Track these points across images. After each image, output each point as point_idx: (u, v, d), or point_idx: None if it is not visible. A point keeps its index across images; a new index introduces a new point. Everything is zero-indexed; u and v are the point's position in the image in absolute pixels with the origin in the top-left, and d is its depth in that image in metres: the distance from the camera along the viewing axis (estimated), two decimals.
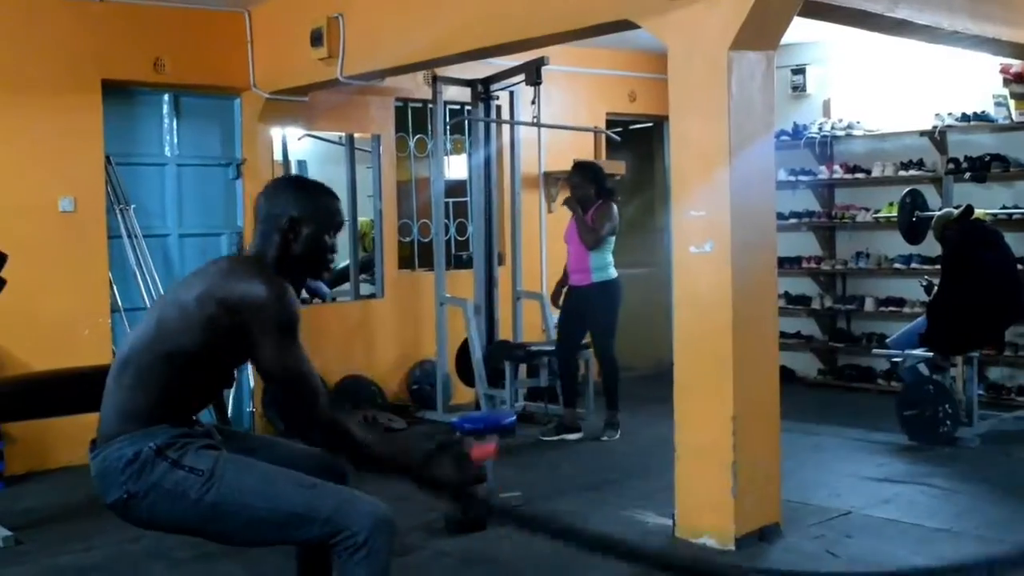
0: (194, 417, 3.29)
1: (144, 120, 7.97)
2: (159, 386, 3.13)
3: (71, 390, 5.85)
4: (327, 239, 3.34)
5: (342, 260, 8.08)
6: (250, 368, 7.76)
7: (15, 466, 6.90)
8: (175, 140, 8.08)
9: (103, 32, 7.45)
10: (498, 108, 8.90)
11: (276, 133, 8.71)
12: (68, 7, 7.28)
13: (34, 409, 6.04)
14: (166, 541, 5.17)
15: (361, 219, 9.94)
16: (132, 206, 7.67)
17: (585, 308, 7.77)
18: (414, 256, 9.31)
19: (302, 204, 3.29)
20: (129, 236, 7.63)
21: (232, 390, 7.78)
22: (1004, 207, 8.58)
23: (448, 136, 8.96)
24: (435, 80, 8.48)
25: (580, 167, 8.08)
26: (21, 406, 5.91)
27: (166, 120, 8.05)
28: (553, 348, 8.15)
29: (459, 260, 9.39)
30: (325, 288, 9.36)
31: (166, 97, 8.02)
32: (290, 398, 3.16)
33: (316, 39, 7.24)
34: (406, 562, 4.75)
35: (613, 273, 7.82)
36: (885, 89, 9.45)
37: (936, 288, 7.62)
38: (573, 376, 7.96)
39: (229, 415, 7.58)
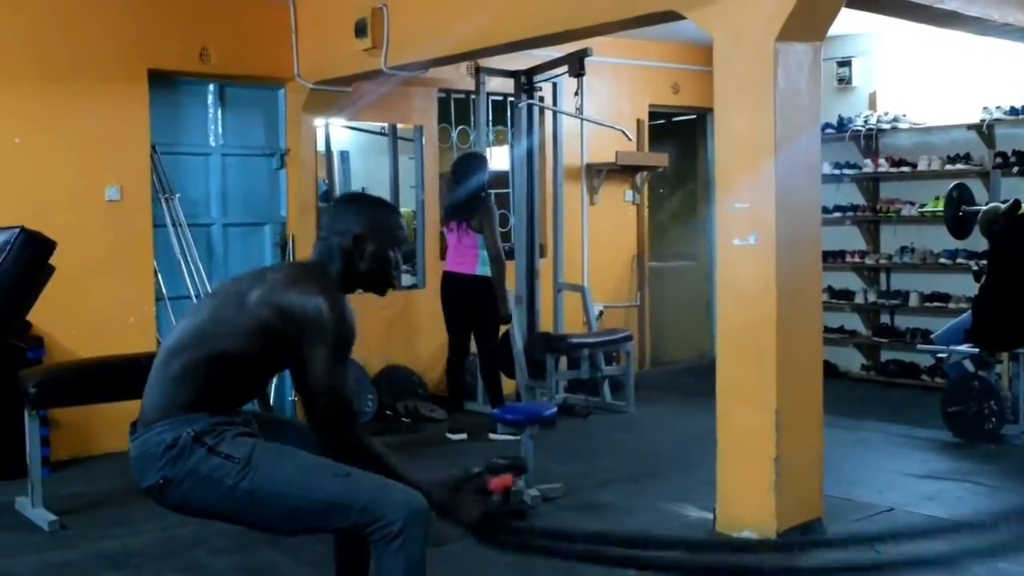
0: (235, 407, 3.29)
1: (189, 110, 8.01)
2: (204, 381, 3.14)
3: (116, 377, 5.88)
4: (391, 255, 3.36)
5: None
6: None
7: (61, 452, 6.95)
8: (220, 130, 8.12)
9: (150, 22, 7.48)
10: (541, 99, 8.86)
11: (319, 123, 8.71)
12: None
13: (80, 396, 6.09)
14: (209, 528, 5.18)
15: (403, 210, 9.94)
16: (177, 195, 7.71)
17: None
18: None
19: (365, 221, 3.32)
20: (174, 225, 7.66)
21: (274, 379, 7.80)
22: None
23: (491, 127, 8.94)
24: (478, 71, 8.47)
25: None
26: (67, 393, 5.96)
27: (211, 110, 8.09)
28: (596, 341, 8.11)
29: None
30: None
31: (211, 87, 8.05)
32: (327, 416, 3.15)
33: (360, 30, 7.24)
34: (441, 552, 4.73)
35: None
36: (932, 82, 9.34)
37: (982, 283, 7.52)
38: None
39: (271, 403, 7.62)
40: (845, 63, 9.89)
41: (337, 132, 9.60)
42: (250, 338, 3.11)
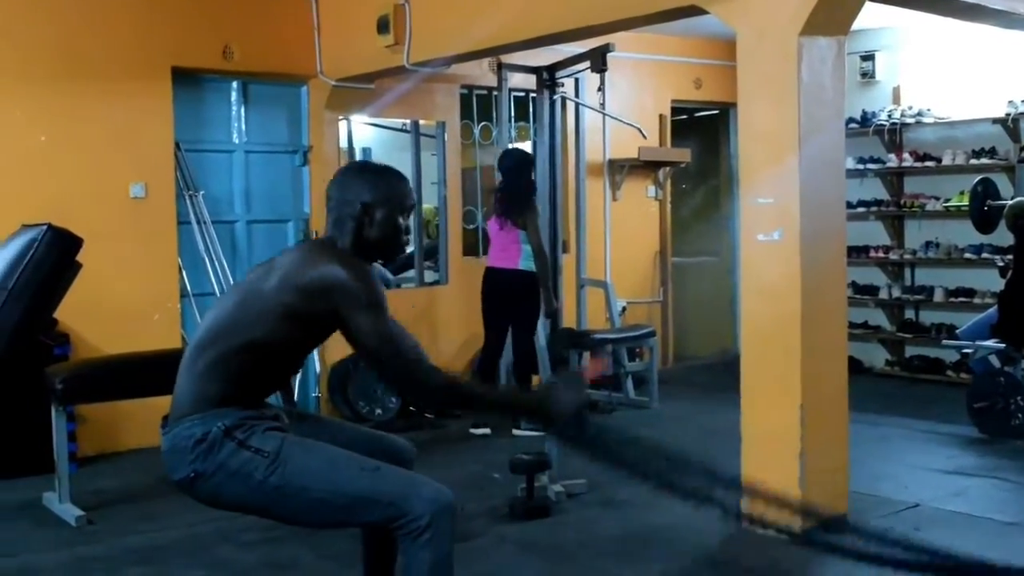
0: (264, 400, 3.31)
1: (213, 107, 8.04)
2: (232, 373, 3.15)
3: (142, 373, 5.93)
4: (400, 221, 3.33)
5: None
6: (315, 355, 7.84)
7: (87, 447, 7.00)
8: (243, 127, 8.15)
9: (173, 20, 7.52)
10: (563, 95, 8.85)
11: (342, 120, 8.73)
12: None
13: (106, 392, 6.13)
14: (235, 523, 5.22)
15: (425, 206, 9.97)
16: (201, 192, 7.74)
17: None
18: (478, 243, 9.29)
19: (373, 189, 3.29)
20: (198, 222, 7.70)
21: (299, 376, 7.83)
22: None
23: (513, 123, 8.94)
24: (500, 67, 8.45)
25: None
26: (93, 389, 5.99)
27: (234, 107, 8.12)
28: (619, 337, 8.10)
29: None
30: (389, 275, 9.39)
31: (234, 84, 8.09)
32: (396, 367, 3.13)
33: (382, 26, 7.26)
34: (468, 547, 4.75)
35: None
36: (956, 76, 9.29)
37: (1008, 278, 7.47)
38: None
39: (295, 400, 7.64)
40: (868, 57, 9.85)
41: (359, 129, 9.62)
42: (276, 324, 3.12)
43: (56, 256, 5.37)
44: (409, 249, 9.13)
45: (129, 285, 7.29)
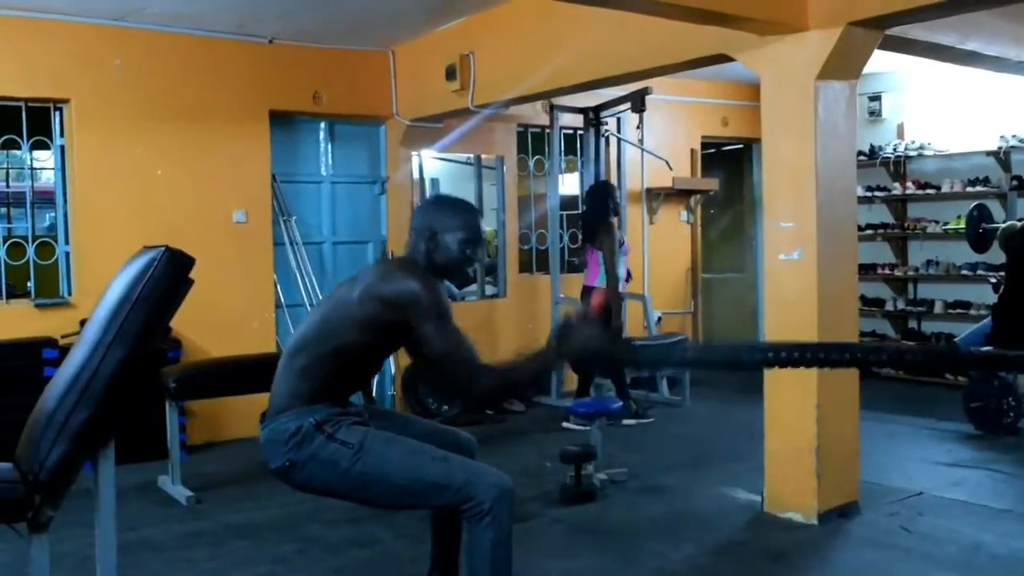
0: (349, 398, 3.32)
1: (304, 144, 8.11)
2: (322, 374, 3.16)
3: (242, 374, 5.99)
4: (464, 250, 3.30)
5: None
6: (391, 359, 7.86)
7: (196, 437, 7.07)
8: (330, 161, 8.21)
9: (271, 70, 7.60)
10: (607, 132, 8.84)
11: (415, 155, 8.76)
12: (242, 48, 7.45)
13: (212, 389, 6.19)
14: (322, 504, 5.23)
15: (487, 229, 9.95)
16: (293, 217, 7.81)
17: None
18: (532, 261, 9.29)
19: (441, 220, 3.29)
20: (291, 243, 7.76)
21: (377, 377, 7.86)
22: None
23: (563, 157, 8.93)
24: (552, 108, 8.46)
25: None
26: (201, 387, 6.05)
27: (322, 144, 8.18)
28: (655, 343, 8.03)
29: (571, 265, 9.34)
30: (455, 289, 9.41)
31: (322, 124, 8.15)
32: (457, 379, 3.08)
33: (450, 74, 7.29)
34: (524, 528, 4.73)
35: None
36: (954, 113, 9.17)
37: (1000, 292, 7.36)
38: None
39: (374, 397, 7.67)
40: (876, 98, 9.73)
41: (429, 162, 9.66)
42: (361, 330, 3.12)
43: (172, 273, 5.38)
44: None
45: (232, 298, 7.37)
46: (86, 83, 6.85)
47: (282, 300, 7.73)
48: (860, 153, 9.24)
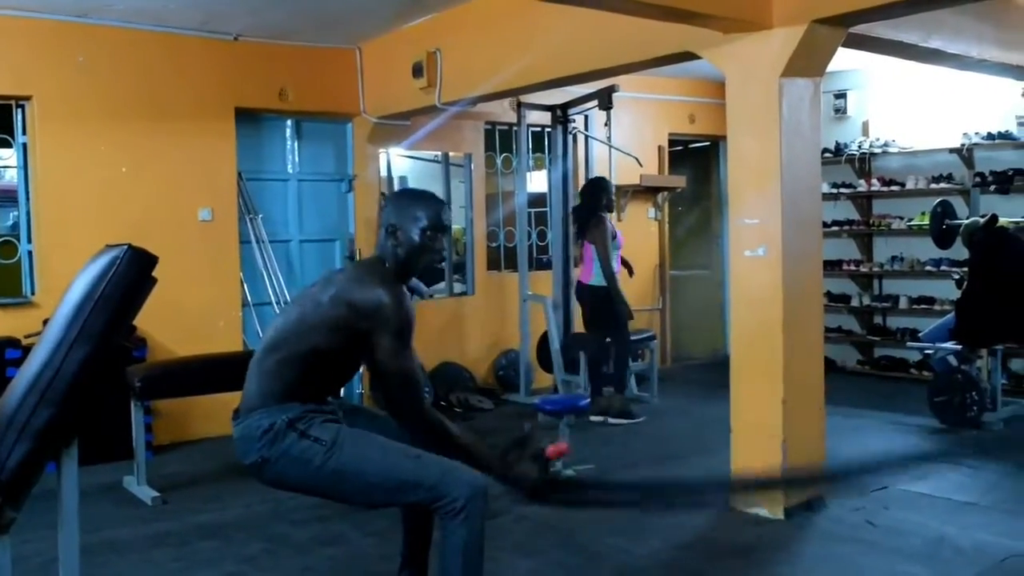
0: (323, 397, 3.28)
1: (270, 142, 8.07)
2: (297, 373, 3.15)
3: (209, 373, 5.96)
4: (425, 238, 3.25)
5: None
6: None
7: (161, 437, 7.02)
8: (296, 159, 8.17)
9: (236, 67, 7.55)
10: (575, 130, 8.85)
11: (382, 152, 8.74)
12: (207, 45, 7.39)
13: (177, 388, 6.15)
14: (289, 503, 5.24)
15: (454, 227, 9.96)
16: (260, 215, 7.77)
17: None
18: (500, 259, 9.30)
19: (400, 212, 3.27)
20: (257, 241, 7.72)
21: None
22: None
23: (531, 155, 8.94)
24: (520, 106, 8.47)
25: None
26: (167, 386, 6.01)
27: (288, 142, 8.15)
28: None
29: (540, 262, 9.36)
30: (424, 287, 9.39)
31: (289, 122, 8.12)
32: (399, 395, 3.11)
33: (417, 71, 7.27)
34: (491, 524, 4.68)
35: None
36: (918, 111, 9.26)
37: (963, 288, 7.43)
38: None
39: (342, 394, 7.63)
40: (841, 95, 9.81)
41: (397, 160, 9.61)
42: (331, 333, 3.11)
43: (135, 272, 5.33)
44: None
45: (198, 296, 7.32)
46: (48, 80, 6.78)
47: (249, 299, 7.69)
48: (825, 150, 9.32)
